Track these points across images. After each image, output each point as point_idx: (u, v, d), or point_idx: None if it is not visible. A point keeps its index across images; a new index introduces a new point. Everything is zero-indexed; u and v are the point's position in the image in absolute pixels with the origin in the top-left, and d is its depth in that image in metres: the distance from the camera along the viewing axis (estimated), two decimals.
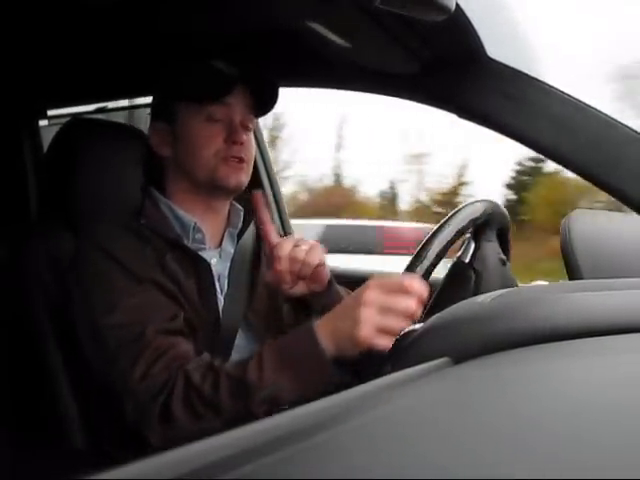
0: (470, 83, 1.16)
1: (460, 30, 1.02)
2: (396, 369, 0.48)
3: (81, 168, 1.24)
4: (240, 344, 1.10)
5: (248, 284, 1.15)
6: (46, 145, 1.42)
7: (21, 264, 1.19)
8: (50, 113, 1.86)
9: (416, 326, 0.75)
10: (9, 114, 1.74)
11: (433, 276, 1.02)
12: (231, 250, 1.15)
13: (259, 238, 1.20)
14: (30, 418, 1.19)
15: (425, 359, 0.48)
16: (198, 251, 1.08)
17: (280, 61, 1.37)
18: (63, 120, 1.66)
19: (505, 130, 1.17)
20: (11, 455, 1.12)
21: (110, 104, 1.90)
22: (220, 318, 1.07)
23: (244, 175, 1.10)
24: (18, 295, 1.19)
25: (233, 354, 1.08)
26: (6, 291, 1.20)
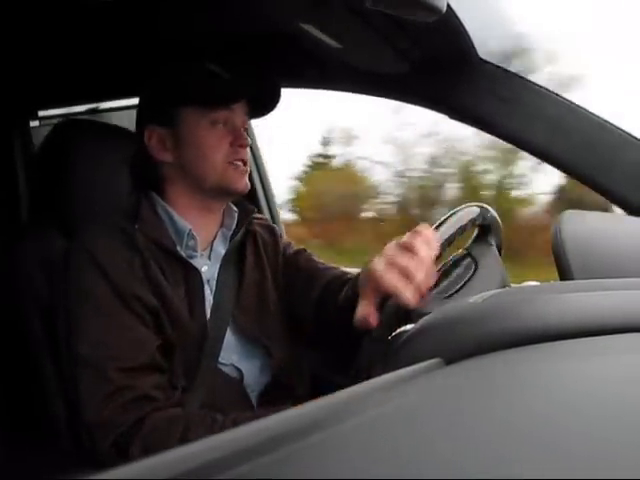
0: (461, 84, 1.17)
1: (451, 31, 1.03)
2: (388, 370, 0.48)
3: (73, 169, 1.24)
4: (230, 342, 1.10)
5: (236, 284, 1.15)
6: (37, 146, 1.42)
7: (12, 265, 1.18)
8: (41, 114, 1.85)
9: (408, 327, 0.75)
10: (0, 114, 1.73)
11: None
12: (222, 251, 1.15)
13: (247, 235, 1.20)
14: (22, 418, 1.18)
15: (417, 360, 0.48)
16: (190, 258, 1.08)
17: (271, 62, 1.37)
18: (54, 121, 1.66)
19: (497, 131, 1.18)
20: (3, 455, 1.12)
21: (102, 105, 1.89)
22: (207, 324, 1.07)
23: (247, 178, 1.11)
24: (9, 296, 1.18)
25: (223, 353, 1.08)
26: None
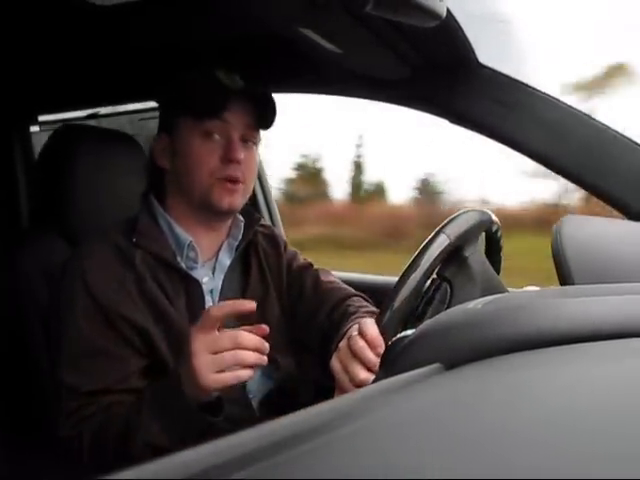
0: (461, 89, 1.17)
1: (451, 36, 1.03)
2: (388, 375, 0.48)
3: (73, 174, 1.24)
4: None
5: (239, 295, 1.14)
6: (37, 151, 1.42)
7: (12, 269, 1.18)
8: (41, 119, 1.85)
9: (408, 332, 0.75)
10: (0, 119, 1.73)
11: None
12: (227, 262, 1.13)
13: (250, 246, 1.19)
14: (22, 421, 1.18)
15: (417, 365, 0.48)
16: (190, 269, 1.07)
17: (272, 67, 1.37)
18: (54, 126, 1.66)
19: (496, 136, 1.18)
20: (3, 457, 1.12)
21: (102, 110, 1.90)
22: None
23: (239, 197, 1.07)
24: (9, 300, 1.18)
25: None
26: None
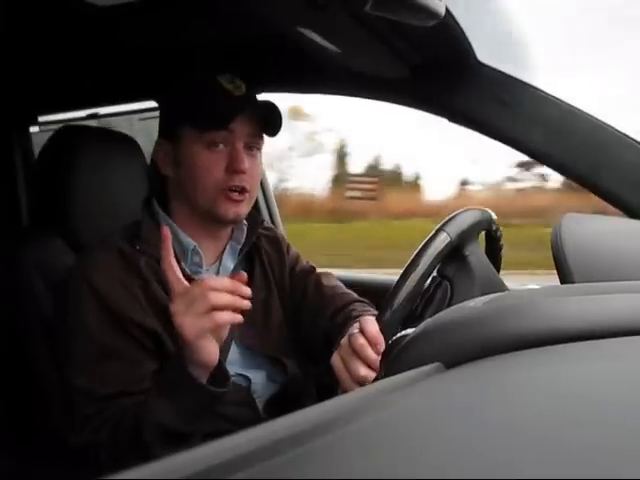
0: (460, 87, 1.17)
1: (450, 35, 1.03)
2: (388, 374, 0.48)
3: (73, 174, 1.24)
4: (234, 355, 1.09)
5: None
6: (37, 151, 1.42)
7: (13, 271, 1.18)
8: (41, 119, 1.85)
9: (408, 331, 0.75)
10: (0, 120, 1.73)
11: None
12: (231, 265, 1.13)
13: (254, 249, 1.18)
14: (23, 421, 1.18)
15: (417, 364, 0.48)
16: (195, 274, 1.06)
17: (271, 67, 1.37)
18: (54, 126, 1.66)
19: (496, 134, 1.18)
20: (6, 462, 1.12)
21: (101, 110, 1.90)
22: None
23: (245, 206, 1.07)
24: (10, 302, 1.18)
25: (227, 366, 1.06)
26: None
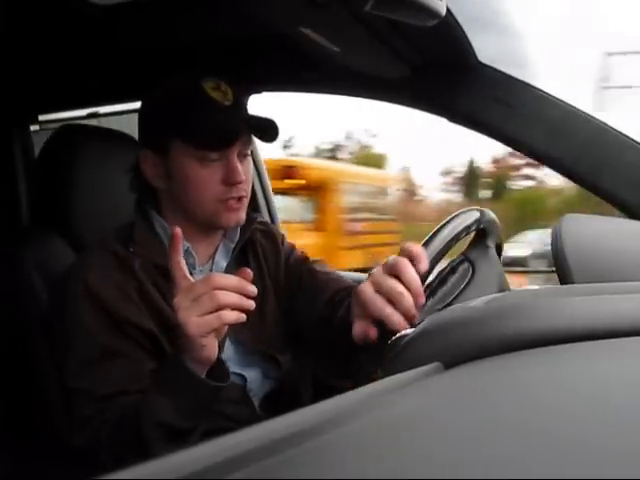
0: (461, 87, 1.17)
1: (450, 34, 1.03)
2: (387, 374, 0.48)
3: (73, 173, 1.24)
4: (229, 353, 1.08)
5: None
6: (37, 150, 1.41)
7: (12, 270, 1.18)
8: (41, 118, 1.85)
9: (408, 331, 0.75)
10: (0, 118, 1.73)
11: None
12: (224, 264, 1.13)
13: (248, 245, 1.18)
14: (23, 421, 1.18)
15: (416, 364, 0.48)
16: (190, 275, 1.06)
17: (271, 66, 1.37)
18: (54, 125, 1.66)
19: (496, 134, 1.18)
20: (5, 461, 1.12)
21: (102, 109, 1.90)
22: None
23: (243, 212, 1.06)
24: (9, 301, 1.18)
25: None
26: None
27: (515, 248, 10.45)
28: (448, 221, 0.93)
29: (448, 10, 0.84)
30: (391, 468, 0.28)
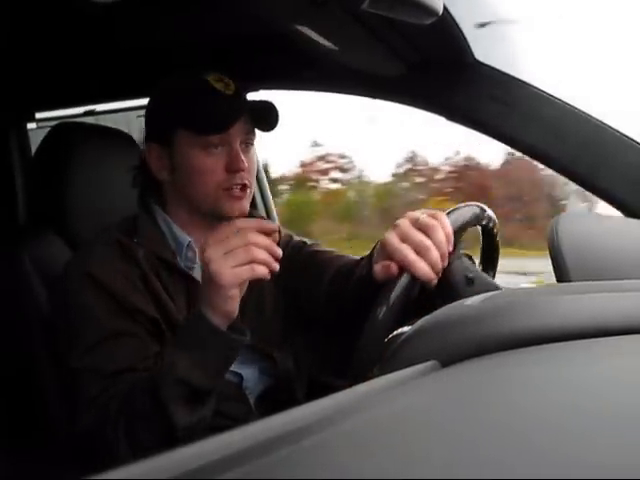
0: (458, 86, 1.17)
1: (448, 33, 1.02)
2: (384, 372, 0.48)
3: (70, 171, 1.24)
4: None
5: None
6: (34, 148, 1.41)
7: (10, 269, 1.18)
8: (38, 116, 1.85)
9: (404, 329, 0.75)
10: None
11: None
12: None
13: None
14: (23, 421, 1.18)
15: (413, 362, 0.48)
16: (190, 269, 1.07)
17: (269, 64, 1.37)
18: (51, 123, 1.65)
19: (494, 133, 1.18)
20: (4, 461, 1.12)
21: (98, 107, 1.89)
22: None
23: (247, 202, 1.07)
24: (7, 300, 1.18)
25: None
26: None
27: None
28: (451, 211, 0.92)
29: (445, 8, 0.84)
30: (388, 466, 0.28)
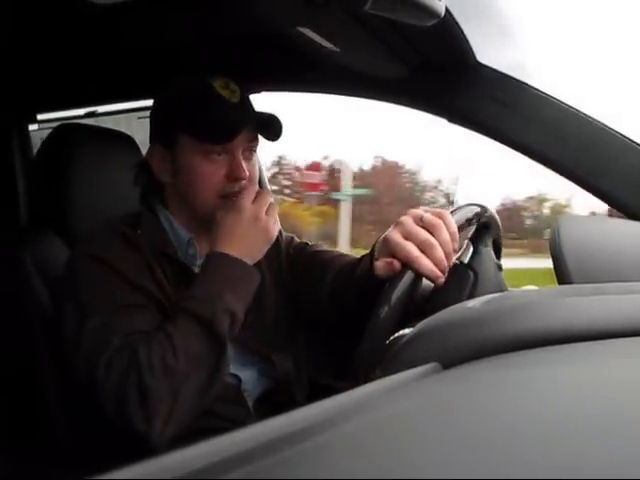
0: (459, 88, 1.17)
1: (449, 35, 1.02)
2: (385, 374, 0.48)
3: (71, 173, 1.24)
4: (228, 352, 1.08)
5: None
6: (35, 149, 1.41)
7: (11, 270, 1.18)
8: (40, 117, 1.85)
9: (406, 331, 0.75)
10: None
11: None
12: None
13: None
14: (23, 421, 1.18)
15: (414, 364, 0.48)
16: (191, 265, 1.07)
17: (270, 66, 1.37)
18: (53, 124, 1.66)
19: (495, 135, 1.17)
20: (5, 462, 1.12)
21: (100, 108, 1.89)
22: None
23: None
24: (8, 299, 1.18)
25: None
26: None
27: None
28: (453, 210, 0.92)
29: (447, 10, 0.84)
30: (389, 468, 0.28)
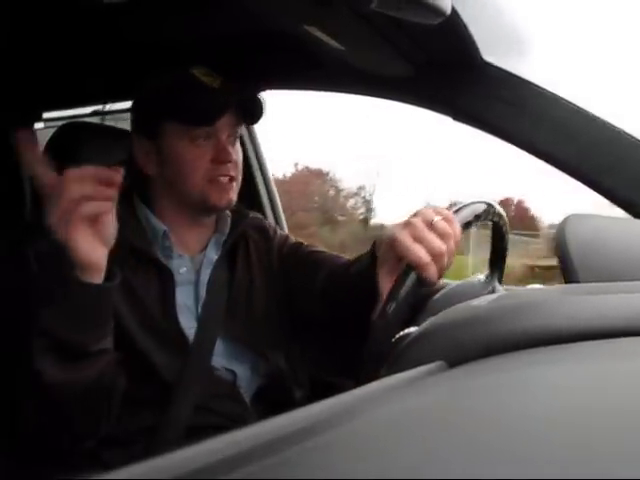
0: (465, 86, 1.16)
1: (455, 33, 1.02)
2: (391, 372, 0.48)
3: None
4: (218, 346, 1.09)
5: (226, 288, 1.14)
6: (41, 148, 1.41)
7: (16, 267, 1.18)
8: (45, 115, 1.86)
9: (411, 329, 0.75)
10: (4, 116, 1.73)
11: None
12: (214, 256, 1.14)
13: (239, 238, 1.19)
14: (16, 422, 1.18)
15: (420, 362, 0.48)
16: (168, 259, 1.08)
17: (275, 64, 1.37)
18: (59, 123, 1.66)
19: (501, 134, 1.17)
20: (6, 457, 1.12)
21: (106, 107, 1.90)
22: (179, 325, 1.06)
23: (234, 193, 1.09)
24: (13, 298, 1.18)
25: (214, 359, 1.07)
26: (1, 293, 1.19)
27: None
28: (456, 211, 0.92)
29: (453, 8, 0.84)
30: (394, 467, 0.28)
